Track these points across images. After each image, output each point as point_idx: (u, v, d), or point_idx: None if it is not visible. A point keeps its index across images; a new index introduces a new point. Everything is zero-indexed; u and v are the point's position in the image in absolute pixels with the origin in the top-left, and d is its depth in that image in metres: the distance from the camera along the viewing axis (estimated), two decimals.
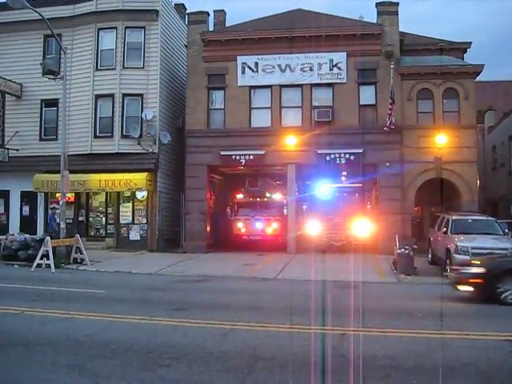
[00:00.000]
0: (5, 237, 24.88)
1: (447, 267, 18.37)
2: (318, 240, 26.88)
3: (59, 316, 11.29)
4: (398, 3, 27.38)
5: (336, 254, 24.79)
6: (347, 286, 15.25)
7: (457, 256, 18.01)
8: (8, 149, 28.98)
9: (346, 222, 27.61)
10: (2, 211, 30.07)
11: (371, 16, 28.18)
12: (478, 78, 27.49)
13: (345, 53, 26.97)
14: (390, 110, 25.10)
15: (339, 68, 27.18)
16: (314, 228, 27.72)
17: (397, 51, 27.03)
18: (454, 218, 20.82)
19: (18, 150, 29.09)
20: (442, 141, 25.94)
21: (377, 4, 27.55)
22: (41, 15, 22.68)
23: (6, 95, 29.46)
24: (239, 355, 8.45)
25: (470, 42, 29.71)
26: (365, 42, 26.44)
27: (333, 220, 27.77)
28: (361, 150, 26.12)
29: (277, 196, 31.05)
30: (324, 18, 27.38)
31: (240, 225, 29.81)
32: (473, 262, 15.08)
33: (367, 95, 27.19)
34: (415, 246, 21.04)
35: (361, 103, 27.09)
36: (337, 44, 26.67)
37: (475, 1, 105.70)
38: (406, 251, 19.87)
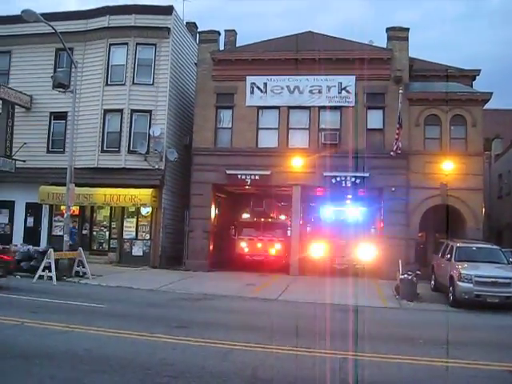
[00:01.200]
0: (8, 247, 24.83)
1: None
2: (321, 263, 26.77)
3: (59, 329, 11.23)
4: (409, 29, 27.56)
5: (338, 277, 24.61)
6: (348, 310, 15.17)
7: (460, 284, 17.90)
8: (15, 160, 29.04)
9: (349, 246, 27.50)
10: (7, 222, 30.04)
11: (381, 40, 28.39)
12: (486, 106, 27.50)
13: (354, 76, 27.04)
14: (397, 134, 25.10)
15: (348, 91, 27.27)
16: (317, 250, 27.63)
17: (406, 76, 27.11)
18: (458, 245, 20.67)
19: (24, 161, 29.17)
20: (448, 167, 25.92)
21: (387, 29, 27.74)
22: (54, 29, 22.85)
23: (16, 106, 29.56)
24: (238, 376, 8.36)
25: (479, 70, 29.81)
26: (374, 67, 26.46)
27: (337, 243, 27.66)
28: (367, 174, 26.05)
29: (281, 217, 30.95)
30: (334, 41, 27.59)
31: (243, 244, 29.65)
32: None
33: (375, 119, 27.22)
34: (418, 272, 20.80)
35: (368, 127, 27.09)
36: (346, 67, 26.80)
37: (485, 29, 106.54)
38: (409, 277, 19.64)
